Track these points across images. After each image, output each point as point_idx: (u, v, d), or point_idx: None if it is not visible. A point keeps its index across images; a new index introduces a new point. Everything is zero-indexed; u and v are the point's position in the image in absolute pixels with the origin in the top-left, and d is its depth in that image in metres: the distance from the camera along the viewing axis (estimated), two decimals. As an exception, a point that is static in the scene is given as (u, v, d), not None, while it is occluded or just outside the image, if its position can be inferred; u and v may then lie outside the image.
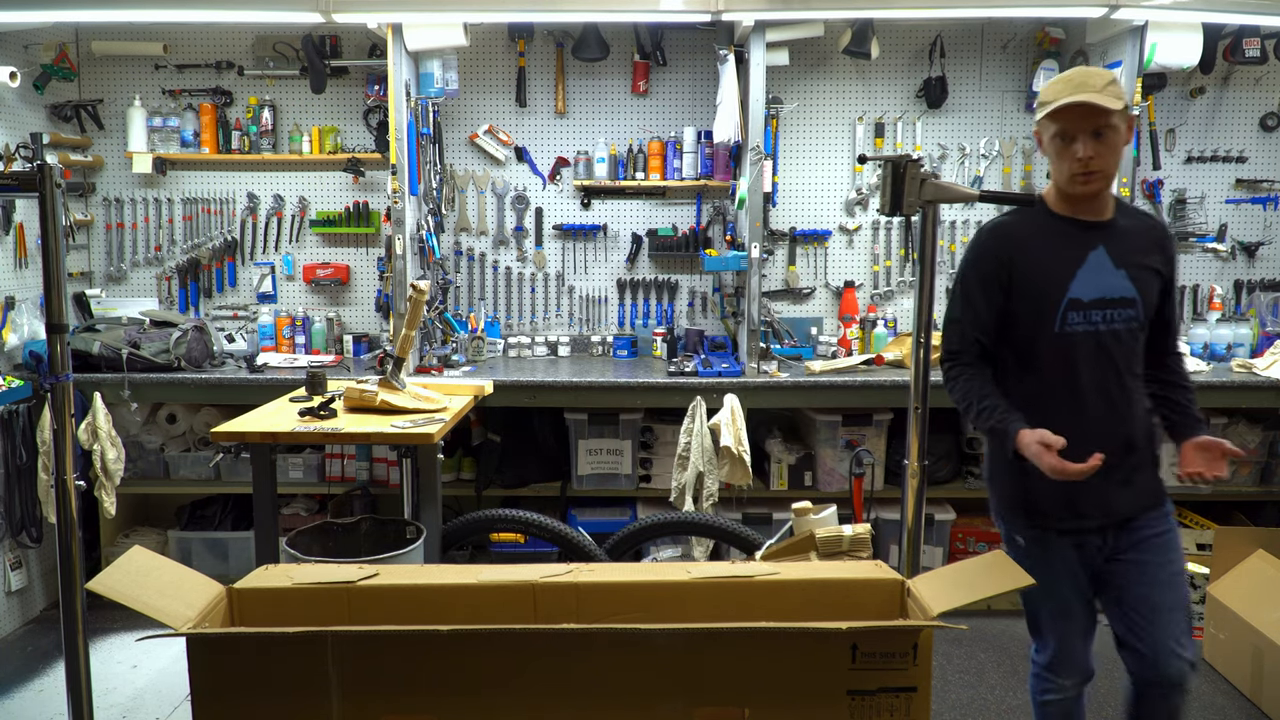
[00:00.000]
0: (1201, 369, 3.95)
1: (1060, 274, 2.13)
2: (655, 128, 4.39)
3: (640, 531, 3.49)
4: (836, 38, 4.21)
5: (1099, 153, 2.05)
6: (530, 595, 1.82)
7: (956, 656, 3.62)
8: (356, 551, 2.91)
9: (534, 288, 4.50)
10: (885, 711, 1.60)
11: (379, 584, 1.83)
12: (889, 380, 3.86)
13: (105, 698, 3.26)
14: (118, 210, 4.41)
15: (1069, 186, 2.11)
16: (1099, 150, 2.05)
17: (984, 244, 2.23)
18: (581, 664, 1.62)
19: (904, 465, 2.44)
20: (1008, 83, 4.38)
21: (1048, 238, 2.17)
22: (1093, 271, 2.12)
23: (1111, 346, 2.13)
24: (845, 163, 4.44)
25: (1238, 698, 3.33)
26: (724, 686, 1.62)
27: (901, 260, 4.48)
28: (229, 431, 2.76)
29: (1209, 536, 3.88)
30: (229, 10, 3.87)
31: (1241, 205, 4.40)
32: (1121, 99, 2.03)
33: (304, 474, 4.14)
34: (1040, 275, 2.14)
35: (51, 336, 2.45)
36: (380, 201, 4.41)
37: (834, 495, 3.76)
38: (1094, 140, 2.05)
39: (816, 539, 2.42)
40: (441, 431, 2.78)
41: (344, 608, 1.81)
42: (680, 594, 1.83)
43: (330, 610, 1.81)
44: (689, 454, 3.69)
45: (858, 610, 1.78)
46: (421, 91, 4.08)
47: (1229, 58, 4.13)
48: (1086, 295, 2.11)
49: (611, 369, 4.09)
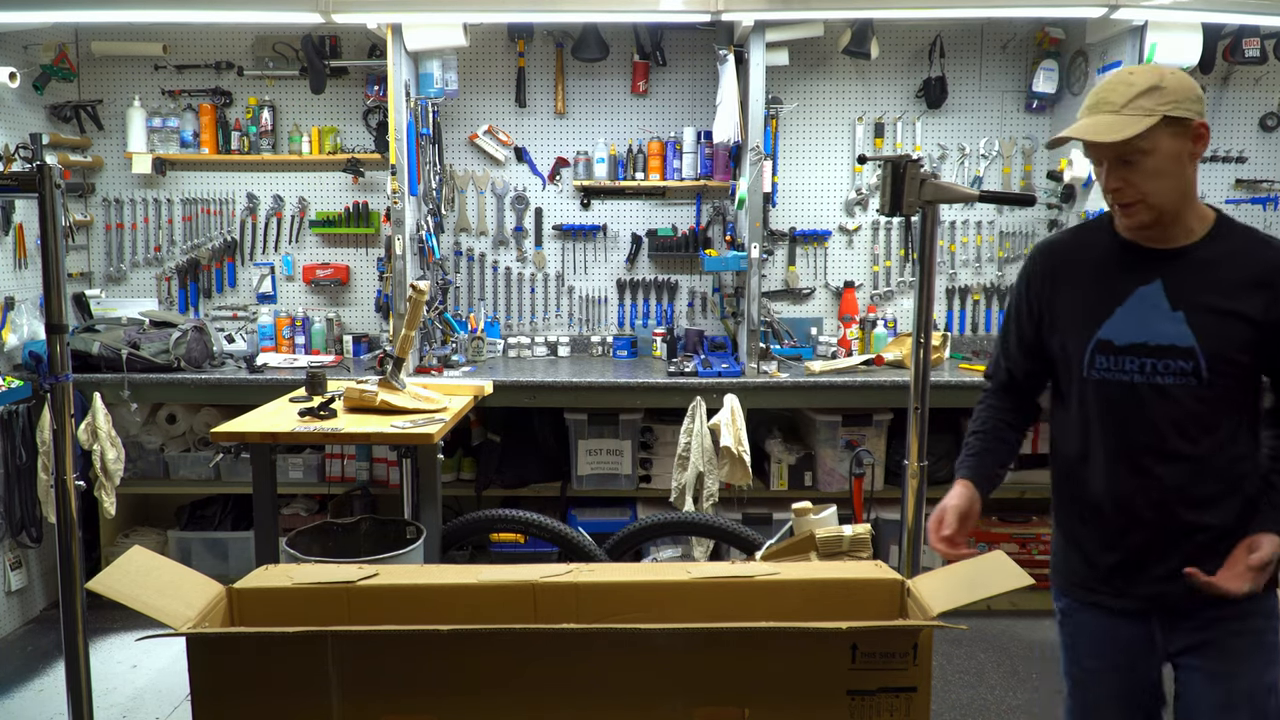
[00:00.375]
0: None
1: (1096, 309, 1.77)
2: (655, 128, 4.39)
3: (640, 531, 3.49)
4: (836, 38, 4.21)
5: (1130, 181, 1.67)
6: (530, 595, 1.81)
7: (956, 656, 3.62)
8: (356, 551, 2.91)
9: (534, 288, 4.50)
10: (885, 712, 1.60)
11: (379, 584, 1.83)
12: (889, 380, 3.86)
13: (105, 698, 3.26)
14: (117, 211, 4.41)
15: (1115, 217, 1.78)
16: (1129, 179, 1.67)
17: (1028, 264, 1.92)
18: (581, 664, 1.62)
19: (904, 465, 2.44)
20: (1008, 83, 4.38)
21: (1098, 264, 1.80)
22: (1135, 310, 1.73)
23: (1151, 403, 1.73)
24: (845, 163, 4.44)
25: (1238, 698, 3.32)
26: (724, 686, 1.62)
27: (901, 260, 4.48)
28: (229, 432, 2.76)
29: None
30: (229, 10, 3.88)
31: (1241, 205, 4.40)
32: (1154, 113, 1.63)
33: (304, 474, 4.14)
34: (1074, 308, 1.81)
35: (51, 337, 2.45)
36: (380, 202, 4.41)
37: (834, 495, 3.76)
38: (1122, 167, 1.67)
39: (816, 539, 2.42)
40: (441, 431, 2.78)
41: (344, 608, 1.81)
42: (680, 594, 1.83)
43: (330, 610, 1.81)
44: (689, 454, 3.69)
45: (858, 610, 1.78)
46: (421, 92, 4.08)
47: (1229, 58, 4.13)
48: (1120, 339, 1.74)
49: (611, 369, 4.09)
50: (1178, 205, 1.70)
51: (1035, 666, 3.56)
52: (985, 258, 4.48)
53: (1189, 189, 1.71)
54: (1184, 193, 1.70)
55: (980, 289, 4.48)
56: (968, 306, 4.49)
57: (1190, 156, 1.69)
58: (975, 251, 4.48)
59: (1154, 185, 1.67)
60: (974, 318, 4.50)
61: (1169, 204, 1.69)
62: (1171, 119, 1.64)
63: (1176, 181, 1.68)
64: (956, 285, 4.49)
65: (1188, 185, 1.71)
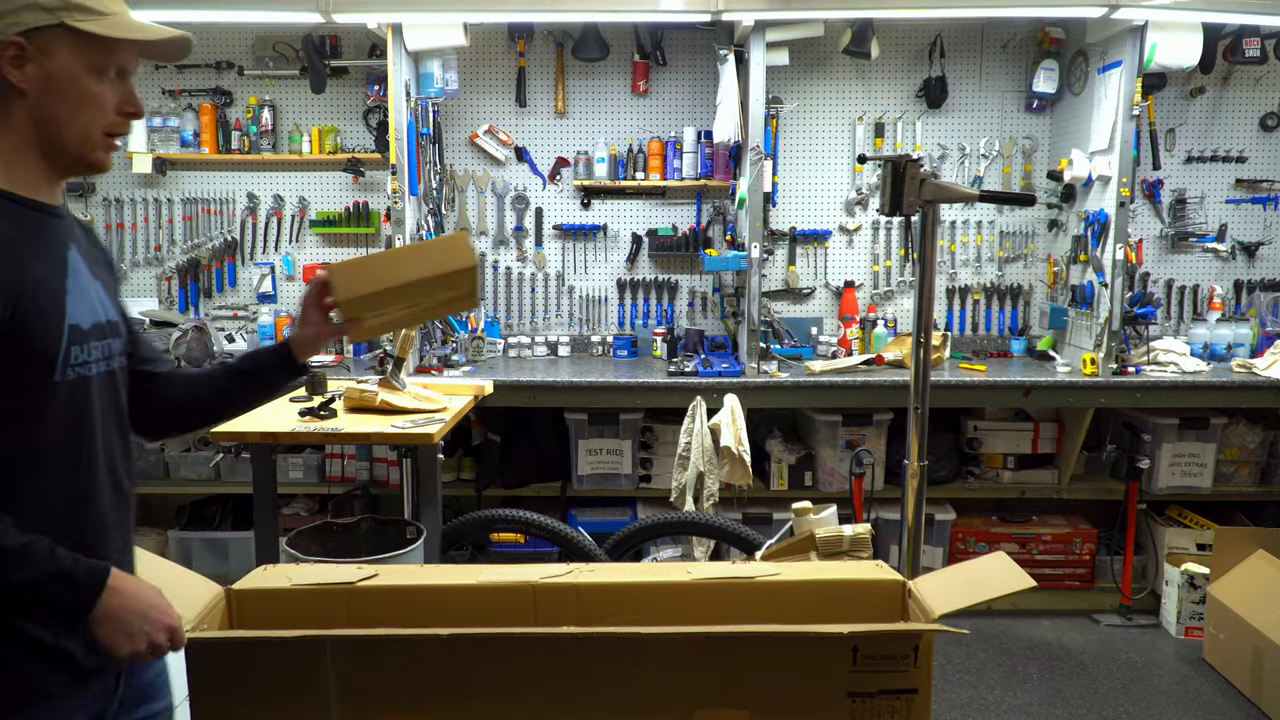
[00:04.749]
0: (1202, 369, 3.95)
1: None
2: (655, 128, 4.39)
3: (640, 531, 3.49)
4: (836, 38, 4.20)
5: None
6: (530, 596, 1.81)
7: (956, 656, 3.62)
8: (356, 552, 2.91)
9: (534, 288, 4.50)
10: (886, 713, 1.60)
11: (378, 585, 1.83)
12: (889, 380, 3.86)
13: (105, 698, 3.25)
14: (117, 210, 4.41)
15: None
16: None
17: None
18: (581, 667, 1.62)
19: (904, 465, 2.44)
20: (1008, 83, 4.38)
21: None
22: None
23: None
24: (845, 163, 4.44)
25: (1238, 698, 3.33)
26: (725, 688, 1.62)
27: (901, 260, 4.48)
28: (229, 432, 2.76)
29: (1209, 536, 3.88)
30: (229, 10, 3.87)
31: (1241, 205, 4.40)
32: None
33: (304, 474, 4.13)
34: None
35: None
36: (380, 201, 4.40)
37: (834, 495, 3.76)
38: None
39: (816, 539, 2.42)
40: (441, 431, 2.78)
41: (343, 608, 1.81)
42: (681, 594, 1.83)
43: (329, 611, 1.81)
44: (689, 454, 3.69)
45: (859, 611, 1.78)
46: (421, 91, 4.07)
47: (1229, 57, 4.13)
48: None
49: (611, 369, 4.08)
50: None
51: (1035, 666, 3.57)
52: (985, 257, 4.47)
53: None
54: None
55: (980, 289, 4.48)
56: (968, 306, 4.49)
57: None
58: (975, 251, 4.48)
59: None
60: (974, 318, 4.50)
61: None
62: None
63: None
64: (956, 285, 4.49)
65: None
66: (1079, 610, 4.05)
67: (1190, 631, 3.79)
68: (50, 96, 1.29)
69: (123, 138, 1.37)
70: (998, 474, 4.17)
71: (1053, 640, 3.80)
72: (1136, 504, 3.95)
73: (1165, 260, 4.43)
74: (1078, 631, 3.88)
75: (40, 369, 1.28)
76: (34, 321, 1.26)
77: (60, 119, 1.29)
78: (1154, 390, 3.83)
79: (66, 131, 1.30)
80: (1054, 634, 3.85)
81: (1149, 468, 3.96)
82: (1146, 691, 3.39)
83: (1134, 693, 3.37)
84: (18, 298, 1.24)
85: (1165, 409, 3.94)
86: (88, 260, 1.40)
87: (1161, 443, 3.98)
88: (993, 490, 4.19)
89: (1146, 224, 4.40)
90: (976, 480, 4.17)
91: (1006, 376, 3.94)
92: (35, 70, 1.27)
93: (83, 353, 1.33)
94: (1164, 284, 4.43)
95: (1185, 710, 3.27)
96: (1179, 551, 3.97)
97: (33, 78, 1.28)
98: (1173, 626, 3.85)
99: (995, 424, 4.16)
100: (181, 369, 1.69)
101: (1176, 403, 3.89)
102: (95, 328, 1.36)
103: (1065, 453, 4.12)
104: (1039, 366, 4.16)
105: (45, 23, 1.26)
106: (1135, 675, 3.51)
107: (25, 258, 1.27)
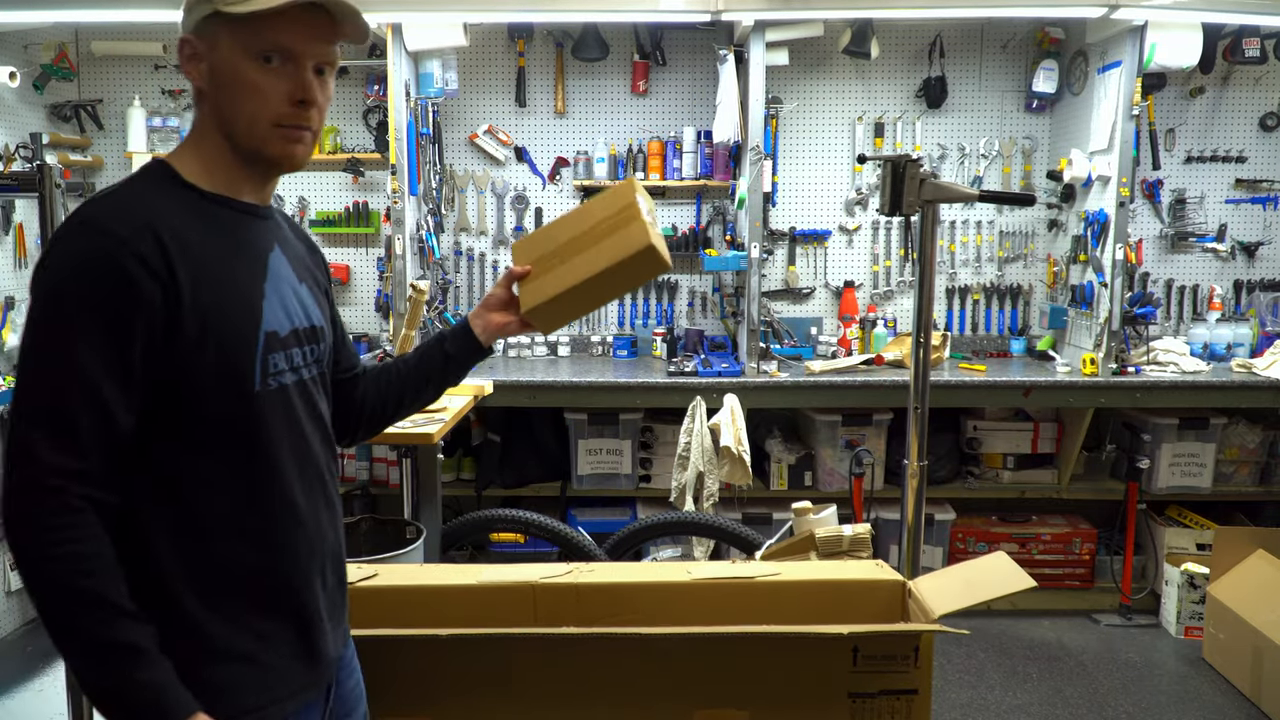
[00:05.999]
0: (1201, 369, 3.95)
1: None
2: (655, 127, 4.39)
3: (640, 531, 3.49)
4: (836, 38, 4.20)
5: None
6: (530, 595, 1.81)
7: (956, 656, 3.62)
8: (356, 551, 2.91)
9: (534, 288, 4.49)
10: (886, 713, 1.60)
11: (378, 585, 1.83)
12: (889, 380, 3.86)
13: (105, 698, 3.26)
14: (117, 210, 4.40)
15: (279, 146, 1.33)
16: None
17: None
18: (581, 667, 1.62)
19: (904, 465, 2.44)
20: (1008, 83, 4.38)
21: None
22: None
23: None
24: (845, 163, 4.44)
25: (1238, 698, 3.33)
26: (725, 688, 1.62)
27: (901, 260, 4.48)
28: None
29: (1209, 536, 3.88)
30: (228, 10, 3.86)
31: (1241, 205, 4.40)
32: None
33: (304, 474, 4.13)
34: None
35: (51, 337, 2.44)
36: (380, 201, 4.40)
37: (834, 495, 3.76)
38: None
39: (816, 539, 2.42)
40: (441, 431, 2.78)
41: (344, 609, 1.81)
42: (681, 594, 1.83)
43: (330, 611, 1.80)
44: (689, 454, 3.69)
45: (859, 611, 1.78)
46: (421, 91, 4.07)
47: (1229, 57, 4.13)
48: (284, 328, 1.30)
49: (611, 369, 4.08)
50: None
51: (1035, 666, 3.57)
52: (985, 257, 4.47)
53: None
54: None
55: (980, 289, 4.48)
56: (968, 306, 4.49)
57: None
58: (975, 251, 4.48)
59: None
60: (974, 318, 4.50)
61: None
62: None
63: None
64: (956, 285, 4.49)
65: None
66: (1079, 610, 4.05)
67: (1190, 631, 3.80)
68: (220, 90, 1.24)
69: (309, 130, 1.29)
70: (997, 474, 4.17)
71: (1053, 640, 3.80)
72: (1136, 504, 3.95)
73: (1165, 260, 4.43)
74: (1078, 631, 3.88)
75: (238, 379, 1.22)
76: (226, 331, 1.20)
77: (229, 112, 1.24)
78: (1154, 390, 3.84)
79: (237, 125, 1.24)
80: (1054, 634, 3.85)
81: (1149, 468, 3.96)
82: (1146, 691, 3.39)
83: (1134, 693, 3.38)
84: (208, 308, 1.18)
85: (1165, 409, 3.94)
86: (293, 261, 1.35)
87: (1161, 443, 3.98)
88: (992, 490, 4.19)
89: (1146, 224, 4.40)
90: (976, 480, 4.18)
91: (1006, 376, 3.94)
92: (206, 66, 1.24)
93: (283, 360, 1.27)
94: (1164, 284, 4.43)
95: (1185, 710, 3.27)
96: (1179, 551, 3.97)
97: (205, 74, 1.24)
98: (1172, 626, 3.85)
99: (995, 424, 4.16)
100: (369, 368, 1.60)
101: (1176, 403, 3.89)
102: (294, 334, 1.30)
103: (1065, 453, 4.12)
104: (1039, 366, 4.16)
105: (204, 13, 1.22)
106: (1135, 675, 3.51)
107: (218, 263, 1.22)
